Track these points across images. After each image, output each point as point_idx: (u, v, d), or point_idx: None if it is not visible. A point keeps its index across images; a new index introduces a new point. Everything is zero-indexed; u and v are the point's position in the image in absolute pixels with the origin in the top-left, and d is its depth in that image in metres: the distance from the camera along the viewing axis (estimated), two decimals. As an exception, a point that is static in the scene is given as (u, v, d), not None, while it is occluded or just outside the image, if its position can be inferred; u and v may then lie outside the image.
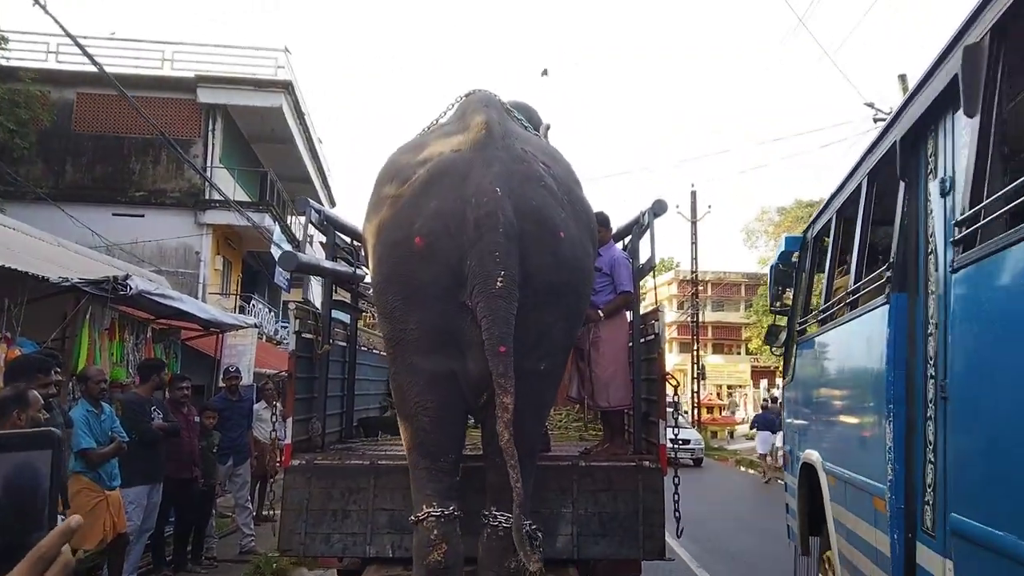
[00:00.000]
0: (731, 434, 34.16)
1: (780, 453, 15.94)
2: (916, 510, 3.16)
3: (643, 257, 5.41)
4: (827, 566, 4.69)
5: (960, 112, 2.72)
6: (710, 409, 35.48)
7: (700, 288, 30.84)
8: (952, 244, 2.76)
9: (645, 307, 5.78)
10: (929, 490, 3.04)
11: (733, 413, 39.92)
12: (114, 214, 14.78)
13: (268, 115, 16.42)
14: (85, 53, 8.48)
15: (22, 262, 5.93)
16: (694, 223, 27.69)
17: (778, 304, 6.56)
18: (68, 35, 8.82)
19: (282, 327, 18.39)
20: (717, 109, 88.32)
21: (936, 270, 3.08)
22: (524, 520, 3.43)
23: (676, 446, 4.88)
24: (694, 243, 27.63)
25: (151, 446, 5.81)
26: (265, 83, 16.05)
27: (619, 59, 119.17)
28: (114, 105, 14.62)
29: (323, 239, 6.20)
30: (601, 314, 5.19)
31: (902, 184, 3.44)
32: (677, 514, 4.96)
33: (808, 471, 4.95)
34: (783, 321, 6.59)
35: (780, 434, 15.13)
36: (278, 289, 18.40)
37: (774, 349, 7.80)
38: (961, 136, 2.85)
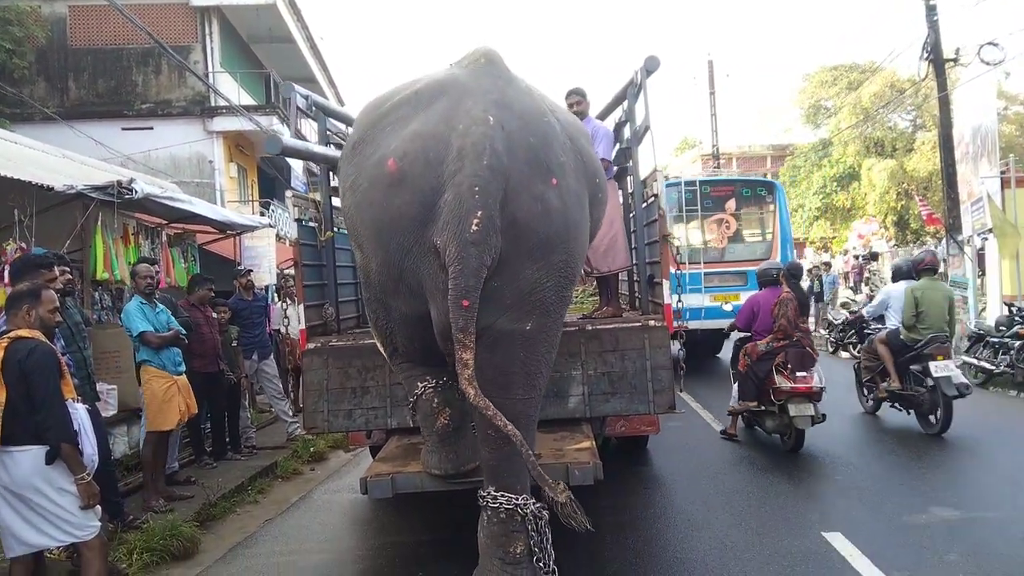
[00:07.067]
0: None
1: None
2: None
3: (639, 119, 5.30)
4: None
5: None
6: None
7: (724, 162, 30.20)
8: None
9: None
10: None
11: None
12: (123, 128, 14.69)
13: (264, 13, 15.92)
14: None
15: (27, 173, 5.96)
16: (712, 94, 26.82)
17: None
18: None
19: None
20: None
21: None
22: (531, 455, 3.14)
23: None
24: (713, 115, 26.86)
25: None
26: (256, -22, 15.45)
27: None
28: (108, 16, 14.16)
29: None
30: None
31: None
32: (682, 370, 5.08)
33: None
34: None
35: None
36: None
37: None
38: None
